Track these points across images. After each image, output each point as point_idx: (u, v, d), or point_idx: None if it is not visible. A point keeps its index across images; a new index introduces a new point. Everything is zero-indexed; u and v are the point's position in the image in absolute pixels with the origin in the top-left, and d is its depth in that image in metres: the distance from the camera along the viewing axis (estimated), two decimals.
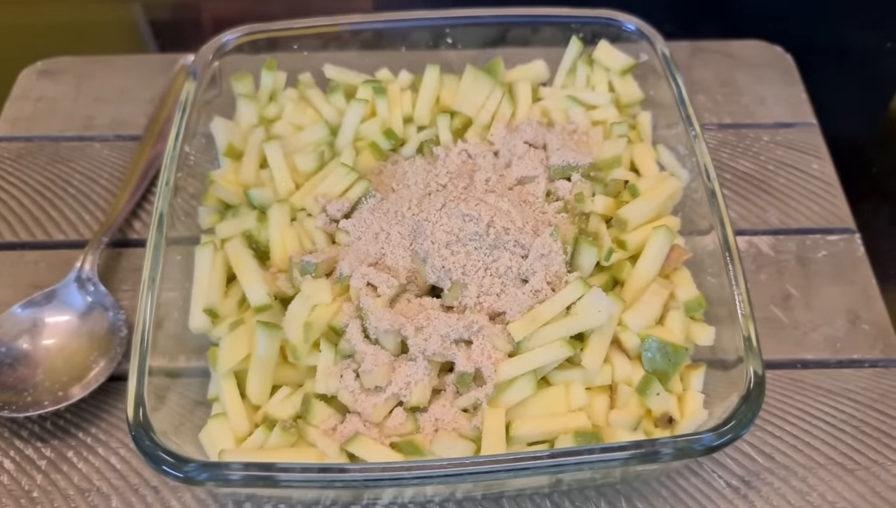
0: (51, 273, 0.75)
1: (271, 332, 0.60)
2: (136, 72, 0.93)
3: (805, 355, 0.71)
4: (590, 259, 0.64)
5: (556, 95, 0.78)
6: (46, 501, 0.63)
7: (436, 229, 0.64)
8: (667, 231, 0.65)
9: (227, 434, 0.59)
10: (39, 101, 0.90)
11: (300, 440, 0.59)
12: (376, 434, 0.58)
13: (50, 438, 0.67)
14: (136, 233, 0.79)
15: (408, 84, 0.79)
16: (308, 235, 0.68)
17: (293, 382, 0.62)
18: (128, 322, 0.70)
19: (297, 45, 0.79)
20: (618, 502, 0.64)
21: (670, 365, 0.61)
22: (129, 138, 0.87)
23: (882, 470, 0.65)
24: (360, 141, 0.74)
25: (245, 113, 0.76)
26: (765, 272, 0.77)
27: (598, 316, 0.60)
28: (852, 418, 0.68)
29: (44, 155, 0.85)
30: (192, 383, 0.63)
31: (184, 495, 0.64)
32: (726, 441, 0.53)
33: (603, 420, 0.60)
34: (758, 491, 0.64)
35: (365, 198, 0.68)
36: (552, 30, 0.80)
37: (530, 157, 0.71)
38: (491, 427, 0.57)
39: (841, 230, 0.80)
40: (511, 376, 0.59)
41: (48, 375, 0.67)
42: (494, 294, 0.62)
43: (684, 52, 0.95)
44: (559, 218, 0.67)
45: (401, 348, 0.61)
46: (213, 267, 0.65)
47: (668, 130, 0.74)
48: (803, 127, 0.88)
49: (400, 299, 0.63)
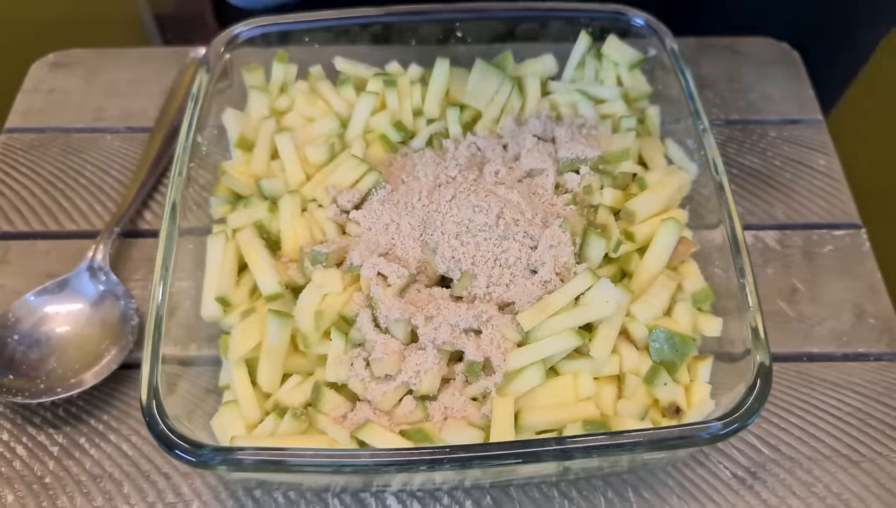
0: (63, 262, 0.76)
1: (282, 321, 0.60)
2: (146, 64, 0.93)
3: (811, 348, 0.72)
4: (598, 250, 0.65)
5: (564, 89, 0.78)
6: (58, 487, 0.64)
7: (445, 220, 0.64)
8: (675, 223, 0.65)
9: (239, 421, 0.60)
10: (51, 93, 0.91)
11: (311, 427, 0.59)
12: (386, 421, 0.59)
13: (62, 425, 0.67)
14: (147, 223, 0.80)
15: (417, 77, 0.79)
16: (319, 226, 0.68)
17: (304, 370, 0.63)
18: (139, 311, 0.71)
19: (307, 38, 0.79)
20: (625, 491, 0.64)
21: (678, 355, 0.61)
22: (139, 130, 0.87)
23: (887, 462, 0.66)
24: (370, 133, 0.75)
25: (256, 104, 0.76)
26: (771, 266, 0.77)
27: (606, 307, 0.60)
28: (857, 410, 0.68)
29: (55, 146, 0.86)
30: (204, 371, 0.64)
31: (195, 481, 0.64)
32: (733, 430, 0.53)
33: (611, 409, 0.61)
34: (763, 482, 0.65)
35: (375, 189, 0.69)
36: (561, 24, 0.80)
37: (539, 150, 0.71)
38: (500, 415, 0.58)
39: (847, 225, 0.80)
40: (520, 365, 0.59)
41: (60, 363, 0.68)
42: (504, 284, 0.62)
43: (691, 48, 0.95)
44: (568, 210, 0.67)
45: (411, 337, 0.62)
46: (225, 256, 0.66)
47: (677, 124, 0.75)
48: (810, 123, 0.89)
49: (410, 289, 0.64)
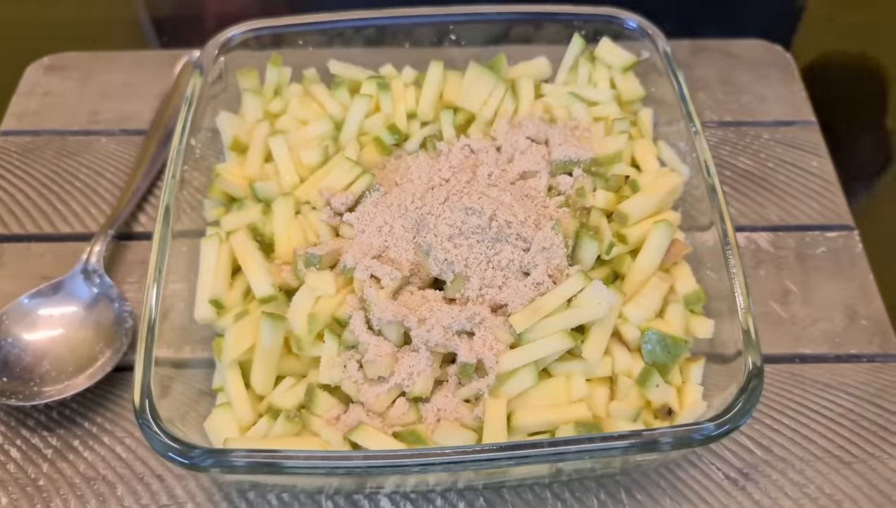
0: (57, 265, 0.76)
1: (276, 323, 0.60)
2: (141, 67, 0.94)
3: (803, 350, 0.72)
4: (591, 252, 0.65)
5: (558, 92, 0.78)
6: (52, 489, 0.64)
7: (439, 222, 0.64)
8: (667, 225, 0.65)
9: (232, 423, 0.60)
10: (46, 96, 0.91)
11: (304, 429, 0.60)
12: (379, 423, 0.59)
13: (56, 427, 0.67)
14: (141, 226, 0.80)
15: (411, 80, 0.80)
16: (312, 228, 0.69)
17: (297, 372, 0.63)
18: (133, 313, 0.71)
19: (301, 41, 0.80)
20: (617, 493, 0.64)
21: (670, 357, 0.62)
22: (134, 133, 0.88)
23: (878, 463, 0.66)
24: (364, 136, 0.75)
25: (250, 107, 0.77)
26: (764, 268, 0.77)
27: (598, 309, 0.60)
28: (850, 412, 0.69)
29: (50, 149, 0.86)
30: (197, 373, 0.64)
31: (189, 483, 0.64)
32: (725, 431, 0.54)
33: (603, 410, 0.61)
34: (756, 483, 0.65)
35: (369, 191, 0.69)
36: (555, 27, 0.80)
37: (532, 153, 0.72)
38: (492, 417, 0.58)
39: (839, 227, 0.80)
40: (512, 367, 0.59)
41: (54, 365, 0.68)
42: (496, 286, 0.63)
43: (685, 50, 0.95)
44: (560, 212, 0.67)
45: (404, 339, 0.62)
46: (219, 259, 0.66)
47: (669, 127, 0.75)
48: (803, 125, 0.89)
49: (403, 291, 0.64)
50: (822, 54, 0.99)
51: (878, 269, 0.77)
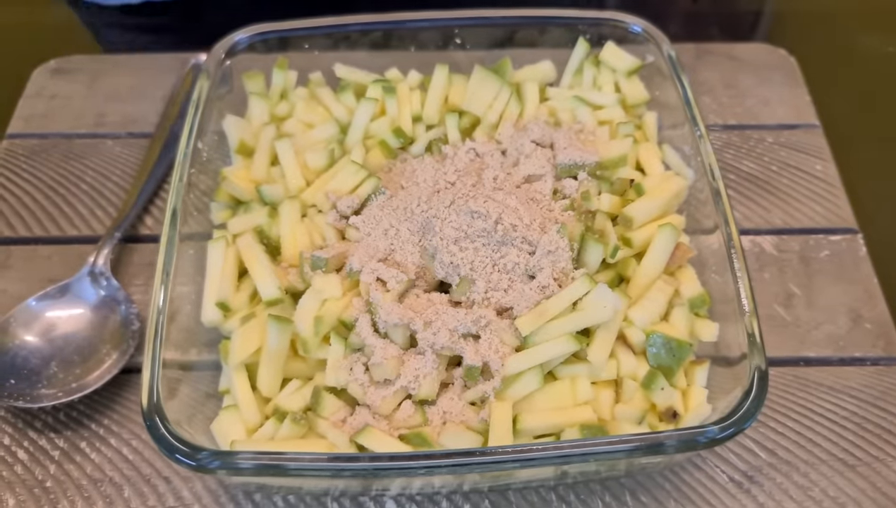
0: (64, 267, 0.76)
1: (282, 326, 0.61)
2: (147, 70, 0.94)
3: (808, 353, 0.72)
4: (596, 256, 0.65)
5: (563, 95, 0.79)
6: (59, 491, 0.64)
7: (444, 225, 0.65)
8: (672, 229, 0.66)
9: (239, 425, 0.60)
10: (53, 99, 0.91)
11: (310, 431, 0.60)
12: (385, 426, 0.59)
13: (63, 429, 0.68)
14: (147, 228, 0.81)
15: (417, 83, 0.80)
16: (318, 231, 0.69)
17: (303, 375, 0.63)
18: (140, 315, 0.71)
19: (307, 45, 0.80)
20: (622, 495, 0.65)
21: (675, 360, 0.62)
22: (140, 136, 0.88)
23: (883, 466, 0.66)
24: (369, 139, 0.76)
25: (256, 111, 0.77)
26: (768, 271, 0.77)
27: (603, 312, 0.60)
28: (854, 415, 0.69)
29: (57, 152, 0.87)
30: (204, 376, 0.64)
31: (195, 485, 0.65)
32: (730, 434, 0.54)
33: (608, 413, 0.61)
34: (760, 486, 0.65)
35: (374, 194, 0.69)
36: (559, 31, 0.81)
37: (537, 156, 0.72)
38: (498, 419, 0.58)
39: (843, 230, 0.80)
40: (518, 370, 0.60)
41: (61, 367, 0.68)
42: (502, 289, 0.63)
43: (689, 54, 0.96)
44: (566, 215, 0.68)
45: (409, 342, 0.62)
46: (225, 261, 0.66)
47: (674, 130, 0.75)
48: (807, 128, 0.89)
49: (409, 294, 0.64)
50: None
51: (882, 273, 0.77)
